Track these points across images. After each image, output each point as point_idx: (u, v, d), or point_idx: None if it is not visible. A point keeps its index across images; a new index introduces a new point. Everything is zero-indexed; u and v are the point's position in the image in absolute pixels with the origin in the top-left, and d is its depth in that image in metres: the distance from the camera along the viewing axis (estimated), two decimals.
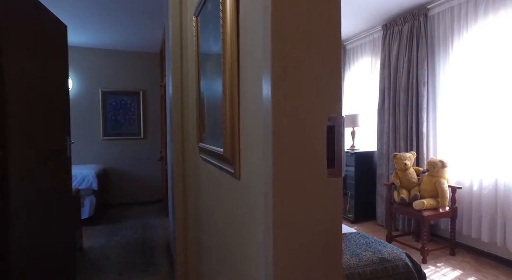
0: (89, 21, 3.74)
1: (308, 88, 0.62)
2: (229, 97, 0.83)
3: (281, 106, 0.60)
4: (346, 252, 1.66)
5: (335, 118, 0.66)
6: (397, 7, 3.35)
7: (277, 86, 0.60)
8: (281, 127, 0.60)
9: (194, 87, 1.38)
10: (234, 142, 0.81)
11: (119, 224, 4.05)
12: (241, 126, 0.79)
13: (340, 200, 0.67)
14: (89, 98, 4.89)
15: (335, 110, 0.65)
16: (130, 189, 5.09)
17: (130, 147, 5.13)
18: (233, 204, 0.87)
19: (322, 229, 0.64)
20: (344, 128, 0.69)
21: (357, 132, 4.20)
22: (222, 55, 0.87)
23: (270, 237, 0.61)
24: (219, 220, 1.06)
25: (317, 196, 0.63)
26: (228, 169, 0.86)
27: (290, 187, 0.60)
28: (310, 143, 0.62)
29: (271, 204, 0.60)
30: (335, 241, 0.66)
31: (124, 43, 4.68)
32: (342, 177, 0.67)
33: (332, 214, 0.66)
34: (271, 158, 0.60)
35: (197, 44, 1.31)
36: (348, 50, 4.61)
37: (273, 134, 0.59)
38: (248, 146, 0.76)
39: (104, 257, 2.94)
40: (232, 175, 0.84)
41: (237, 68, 0.82)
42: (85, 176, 3.99)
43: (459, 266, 2.73)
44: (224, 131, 0.83)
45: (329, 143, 0.66)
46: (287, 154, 0.60)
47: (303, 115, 0.61)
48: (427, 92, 3.30)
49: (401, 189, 3.12)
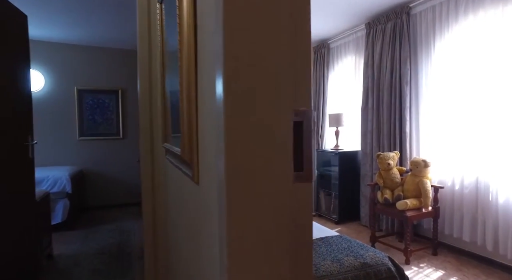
0: (62, 14, 3.53)
1: (268, 77, 0.51)
2: (186, 95, 0.73)
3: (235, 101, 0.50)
4: (327, 257, 1.58)
5: (304, 112, 0.56)
6: (380, 5, 3.31)
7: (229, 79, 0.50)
8: (235, 126, 0.49)
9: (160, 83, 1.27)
10: (192, 143, 0.70)
11: (95, 229, 3.85)
12: (199, 126, 0.69)
13: (310, 208, 0.57)
14: (64, 96, 4.64)
15: (303, 103, 0.56)
16: (108, 191, 4.87)
17: (108, 148, 4.92)
18: (192, 210, 0.77)
19: (288, 243, 0.54)
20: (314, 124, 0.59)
21: (341, 132, 4.15)
22: (179, 49, 0.77)
23: (224, 254, 0.50)
24: (180, 228, 0.95)
25: (282, 205, 0.53)
26: (187, 172, 0.75)
27: (248, 195, 0.50)
28: (272, 143, 0.52)
29: (224, 216, 0.50)
30: (304, 256, 0.56)
31: (100, 39, 4.47)
32: (312, 181, 0.58)
33: (302, 225, 0.56)
34: (223, 163, 0.49)
35: (161, 35, 1.19)
36: (332, 48, 4.56)
37: (225, 134, 0.49)
38: (206, 148, 0.65)
39: (75, 265, 2.76)
40: (190, 178, 0.74)
41: (194, 64, 0.72)
42: (58, 178, 3.76)
43: (441, 266, 2.71)
44: (182, 131, 0.73)
45: (296, 142, 0.56)
46: (243, 157, 0.50)
47: (263, 110, 0.51)
48: (410, 91, 3.28)
49: (384, 189, 3.09)
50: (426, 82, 3.18)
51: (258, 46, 0.52)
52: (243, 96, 0.50)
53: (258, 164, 0.51)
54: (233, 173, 0.49)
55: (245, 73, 0.51)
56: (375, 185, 3.18)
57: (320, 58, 4.65)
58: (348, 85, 4.28)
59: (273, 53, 0.52)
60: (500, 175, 2.55)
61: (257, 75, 0.51)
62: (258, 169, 0.51)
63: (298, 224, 0.55)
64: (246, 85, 0.51)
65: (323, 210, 4.28)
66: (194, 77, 0.72)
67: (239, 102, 0.50)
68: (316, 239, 1.88)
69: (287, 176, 0.53)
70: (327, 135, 4.64)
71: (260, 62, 0.51)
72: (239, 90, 0.50)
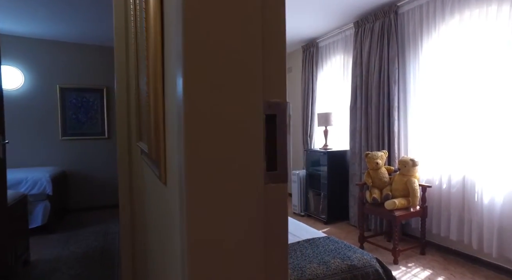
0: (42, 8, 3.38)
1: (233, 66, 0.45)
2: (152, 91, 0.67)
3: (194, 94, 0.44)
4: (313, 260, 1.53)
5: (277, 104, 0.50)
6: (368, 3, 3.30)
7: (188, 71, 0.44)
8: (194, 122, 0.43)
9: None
10: (159, 141, 0.64)
11: (78, 232, 3.72)
12: (167, 124, 0.62)
13: (285, 212, 0.52)
14: (45, 94, 4.47)
15: (277, 94, 0.50)
16: (92, 192, 4.73)
17: (93, 148, 4.77)
18: (160, 213, 0.70)
19: (259, 251, 0.48)
20: (290, 118, 0.52)
21: (330, 131, 4.13)
22: (146, 47, 0.71)
23: (185, 265, 0.44)
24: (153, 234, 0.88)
25: (251, 209, 0.46)
26: (155, 171, 0.69)
27: (211, 199, 0.44)
28: (239, 139, 0.45)
29: (184, 220, 0.43)
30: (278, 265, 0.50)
31: (85, 36, 4.32)
32: (287, 182, 0.52)
33: (275, 231, 0.50)
34: (182, 163, 0.43)
35: (135, 27, 1.11)
36: (321, 47, 4.54)
37: (184, 130, 0.42)
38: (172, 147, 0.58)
39: (54, 270, 2.64)
40: (159, 178, 0.67)
41: (161, 59, 0.66)
42: (38, 180, 3.61)
43: (428, 265, 2.71)
44: (149, 129, 0.66)
45: (269, 138, 0.50)
46: (205, 157, 0.43)
47: (227, 102, 0.45)
48: (398, 90, 3.27)
49: (373, 189, 3.07)
50: (414, 81, 3.18)
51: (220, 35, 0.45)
52: (204, 88, 0.44)
53: (223, 163, 0.44)
54: (193, 174, 0.43)
55: (206, 63, 0.45)
56: (364, 185, 3.16)
57: (309, 57, 4.62)
58: (337, 84, 4.26)
59: (238, 41, 0.46)
60: (485, 174, 2.56)
61: (220, 64, 0.45)
62: (223, 169, 0.44)
63: (271, 230, 0.49)
64: (207, 77, 0.45)
65: (312, 210, 4.25)
66: (160, 72, 0.66)
67: (199, 95, 0.44)
68: (302, 240, 1.83)
69: (257, 176, 0.47)
70: (316, 135, 4.62)
71: (222, 50, 0.45)
72: (199, 81, 0.44)
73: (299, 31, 4.24)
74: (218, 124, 0.44)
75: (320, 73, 4.55)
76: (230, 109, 0.45)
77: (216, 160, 0.44)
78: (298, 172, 4.38)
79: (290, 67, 5.35)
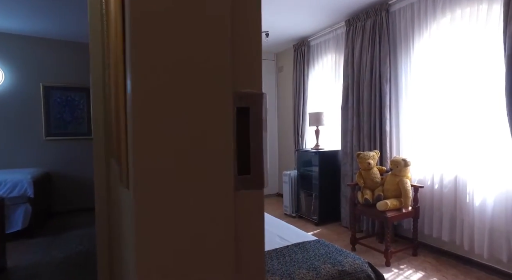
0: (23, 3, 3.24)
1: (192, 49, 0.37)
2: (113, 89, 0.59)
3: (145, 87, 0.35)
4: (302, 265, 1.46)
5: (250, 95, 0.42)
6: (359, 1, 3.25)
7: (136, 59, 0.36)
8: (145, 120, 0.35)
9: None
10: (120, 141, 0.55)
11: (61, 236, 3.57)
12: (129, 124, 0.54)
13: (261, 222, 0.44)
14: (28, 93, 4.31)
15: (249, 84, 0.42)
16: (77, 194, 4.57)
17: (78, 148, 4.62)
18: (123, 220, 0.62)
19: (230, 266, 0.40)
20: (266, 111, 0.45)
21: (321, 131, 4.07)
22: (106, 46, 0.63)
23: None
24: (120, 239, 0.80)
25: (217, 219, 0.38)
26: (119, 174, 0.61)
27: (166, 209, 0.35)
28: (203, 138, 0.37)
29: (133, 234, 0.35)
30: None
31: (70, 33, 4.18)
32: (263, 188, 0.44)
33: (248, 244, 0.42)
34: (132, 166, 0.35)
35: (107, 28, 1.02)
36: (312, 46, 4.48)
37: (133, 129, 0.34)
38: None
39: (32, 277, 2.50)
40: (120, 182, 0.59)
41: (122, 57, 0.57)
42: (18, 182, 3.46)
43: (421, 266, 2.67)
44: (111, 130, 0.59)
45: (242, 135, 0.41)
46: (160, 158, 0.35)
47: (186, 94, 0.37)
48: (389, 89, 3.23)
49: (365, 190, 3.02)
50: (406, 80, 3.14)
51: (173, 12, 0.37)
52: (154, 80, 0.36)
53: (182, 167, 0.36)
54: (143, 182, 0.34)
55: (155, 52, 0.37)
56: (356, 185, 3.10)
57: (300, 56, 4.56)
58: (328, 83, 4.21)
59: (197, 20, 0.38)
60: (477, 174, 2.53)
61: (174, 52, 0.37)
62: (181, 175, 0.36)
63: (243, 242, 0.41)
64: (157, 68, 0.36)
65: (303, 211, 4.19)
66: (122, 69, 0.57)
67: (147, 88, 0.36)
68: (292, 245, 1.76)
69: (226, 181, 0.39)
70: (308, 135, 4.56)
71: (175, 33, 0.37)
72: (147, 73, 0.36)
73: (290, 30, 4.18)
74: (174, 121, 0.36)
75: (311, 72, 4.49)
76: (189, 102, 0.37)
77: (173, 164, 0.36)
78: (290, 173, 4.31)
79: (281, 66, 5.29)
